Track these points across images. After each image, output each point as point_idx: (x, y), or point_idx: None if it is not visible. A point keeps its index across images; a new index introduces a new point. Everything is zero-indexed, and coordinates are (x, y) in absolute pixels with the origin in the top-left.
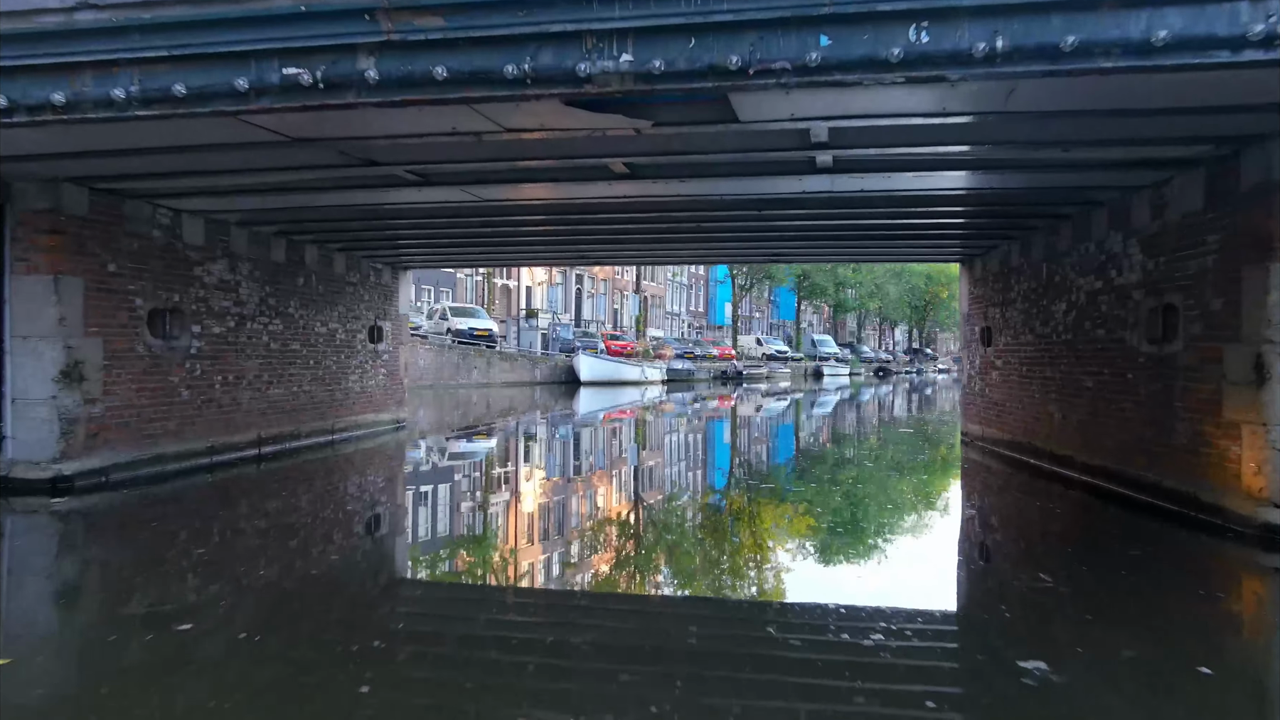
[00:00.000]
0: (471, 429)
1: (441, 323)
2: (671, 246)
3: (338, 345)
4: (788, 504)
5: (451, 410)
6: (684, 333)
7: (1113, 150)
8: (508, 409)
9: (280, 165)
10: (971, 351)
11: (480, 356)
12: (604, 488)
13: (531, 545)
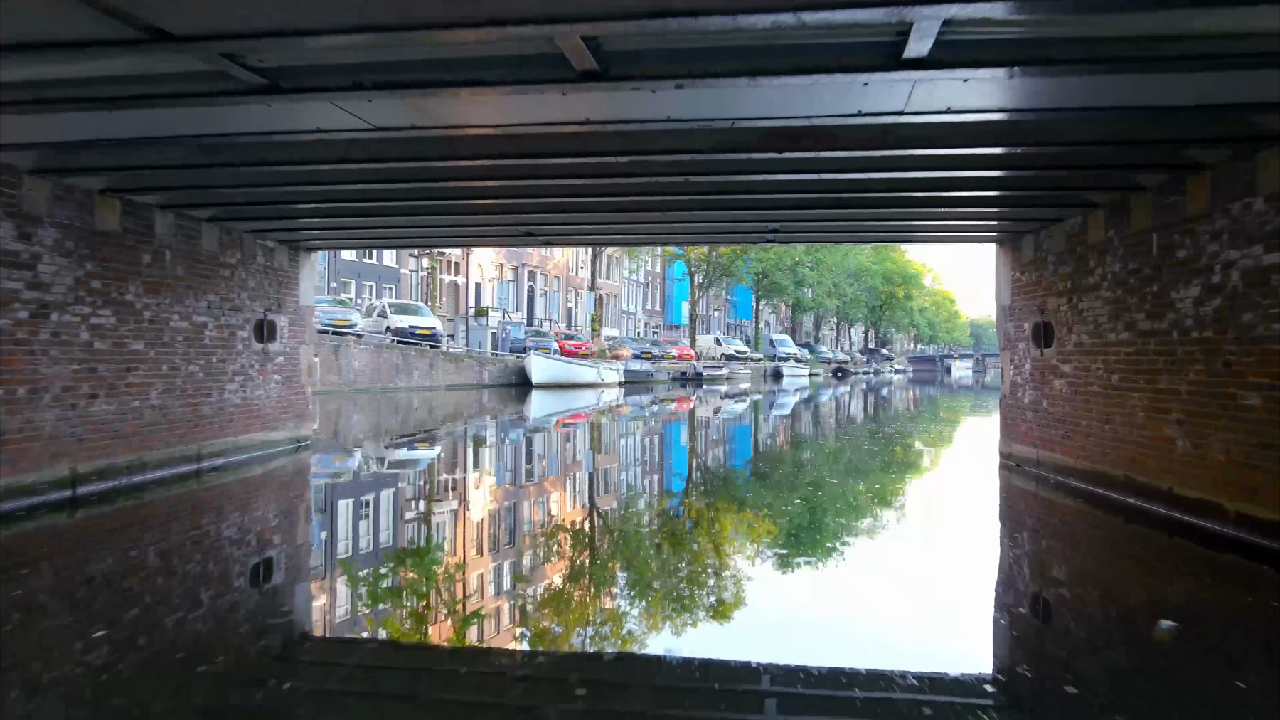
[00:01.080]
0: (410, 438)
1: (380, 320)
2: (646, 217)
3: (207, 345)
4: (789, 591)
5: (390, 416)
6: (641, 332)
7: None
8: (453, 414)
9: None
10: (1017, 354)
11: (423, 357)
12: (555, 509)
13: (464, 600)
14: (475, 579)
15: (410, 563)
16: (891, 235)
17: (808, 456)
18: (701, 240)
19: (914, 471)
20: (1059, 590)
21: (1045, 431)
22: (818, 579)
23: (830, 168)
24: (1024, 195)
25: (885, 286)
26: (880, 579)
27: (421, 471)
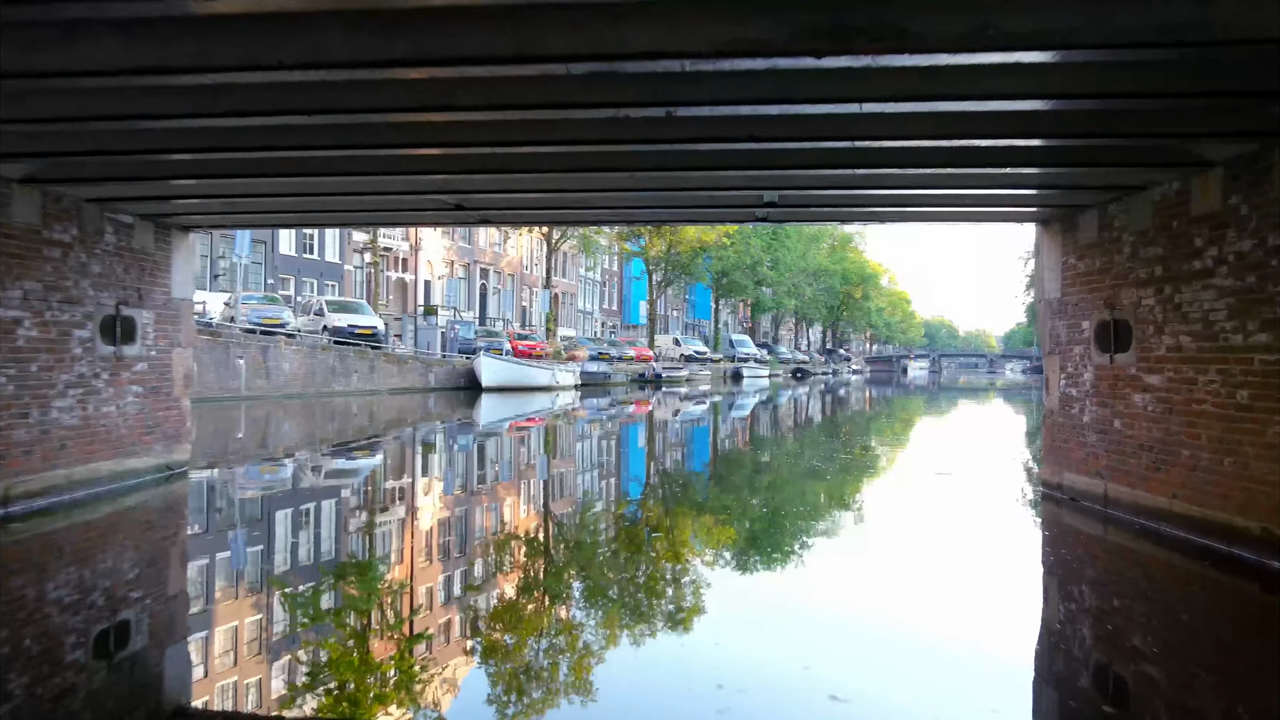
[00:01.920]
0: (346, 447)
1: (316, 319)
2: (608, 180)
3: (21, 348)
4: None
5: (325, 423)
6: (598, 332)
7: None
8: (395, 420)
9: None
10: (1070, 360)
11: (362, 359)
12: (507, 519)
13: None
14: (400, 647)
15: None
16: (912, 212)
17: (788, 497)
18: (676, 218)
19: (937, 507)
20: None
21: (1119, 460)
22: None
23: (871, 94)
24: (1089, 150)
25: (843, 286)
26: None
27: (358, 486)
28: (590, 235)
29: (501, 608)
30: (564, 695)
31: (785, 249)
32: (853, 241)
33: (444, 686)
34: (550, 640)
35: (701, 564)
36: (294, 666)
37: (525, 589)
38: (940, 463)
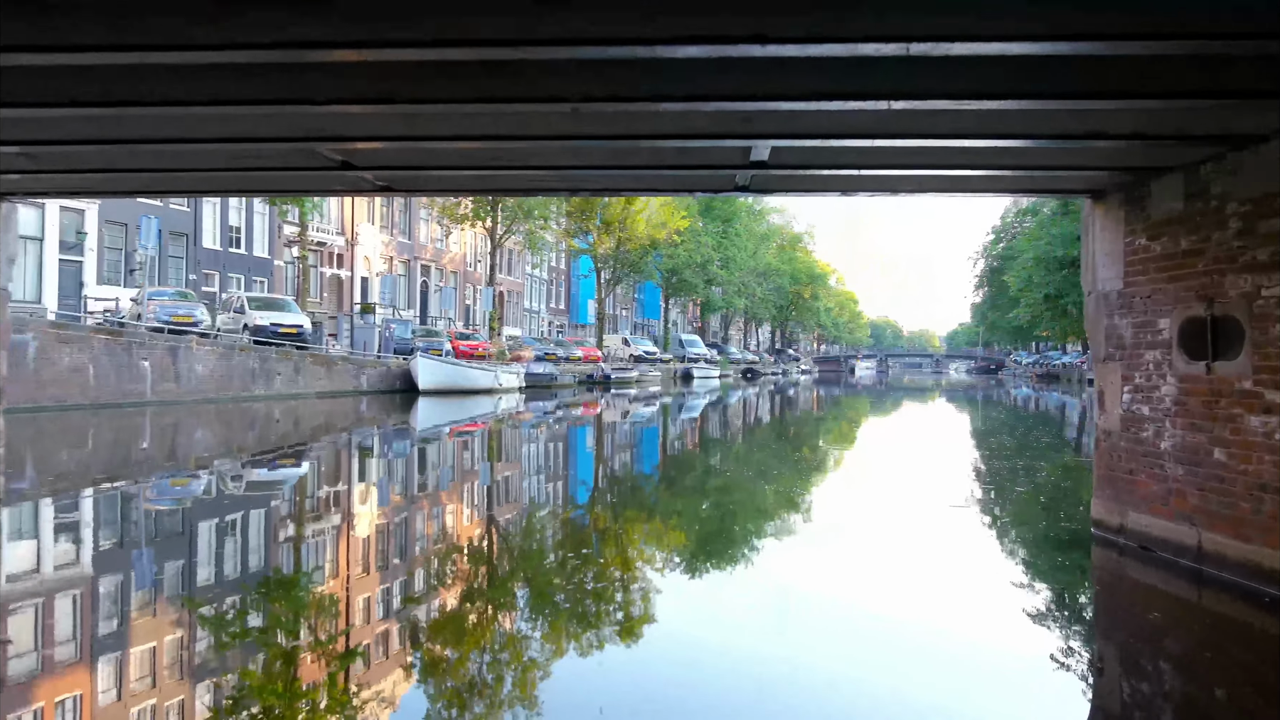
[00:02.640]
0: (269, 455)
1: (237, 317)
2: (546, 125)
3: None
4: None
5: (243, 431)
6: (545, 332)
7: None
8: (323, 426)
9: None
10: (1141, 369)
11: (286, 360)
12: (443, 530)
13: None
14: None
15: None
16: (931, 179)
17: (759, 520)
18: (638, 184)
19: (960, 556)
20: None
21: (1223, 503)
22: None
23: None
24: (1189, 78)
25: (793, 286)
26: None
27: (282, 498)
28: (536, 231)
29: (435, 630)
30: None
31: (736, 248)
32: (802, 241)
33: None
34: (492, 655)
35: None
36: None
37: (459, 608)
38: (943, 485)
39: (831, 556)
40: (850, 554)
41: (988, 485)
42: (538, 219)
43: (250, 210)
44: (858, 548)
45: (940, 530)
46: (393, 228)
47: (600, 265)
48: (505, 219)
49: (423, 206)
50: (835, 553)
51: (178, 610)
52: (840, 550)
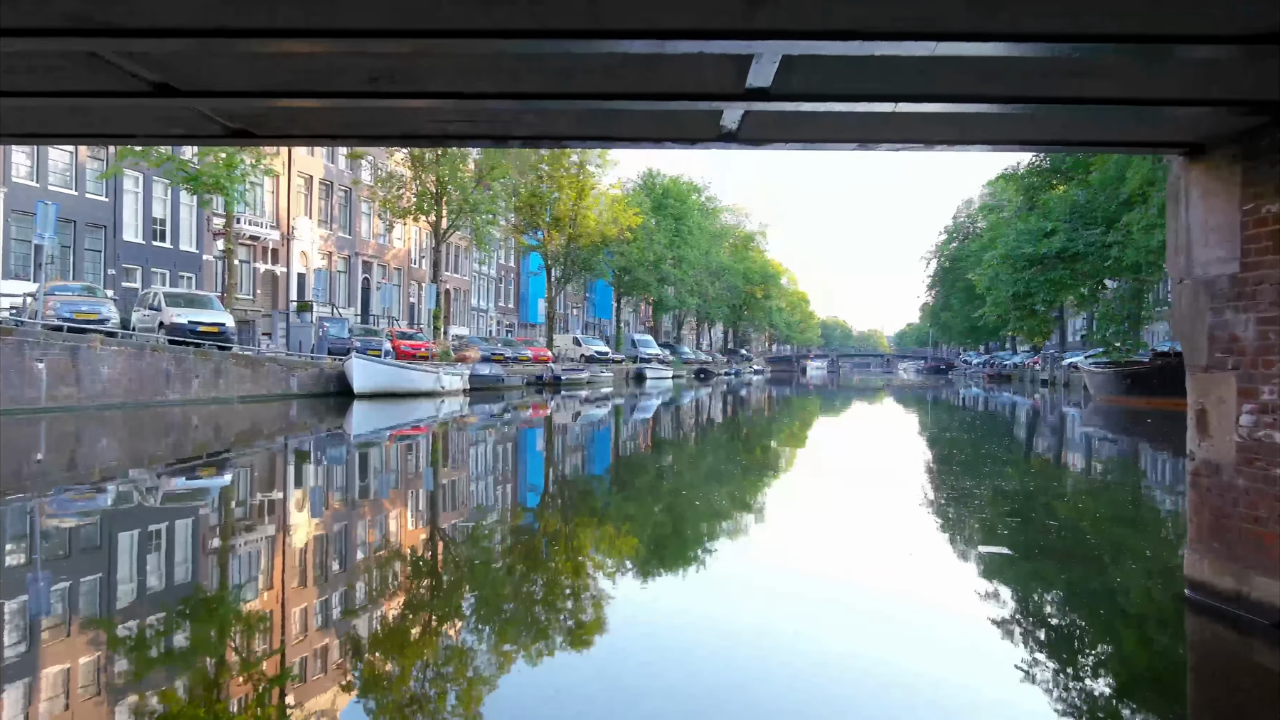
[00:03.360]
0: (185, 465)
1: (153, 315)
2: (476, 45)
3: None
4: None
5: (156, 439)
6: (494, 331)
7: None
8: (248, 433)
9: None
10: (1270, 379)
11: (205, 361)
12: (380, 548)
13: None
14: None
15: None
16: (980, 119)
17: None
18: (579, 134)
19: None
20: None
21: None
22: None
23: None
24: None
25: (745, 286)
26: None
27: (203, 511)
28: (483, 226)
29: (369, 648)
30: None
31: (688, 246)
32: (754, 241)
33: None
34: (435, 671)
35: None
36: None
37: (392, 627)
38: (930, 506)
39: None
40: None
41: (994, 511)
42: (484, 213)
43: (176, 201)
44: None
45: (941, 580)
46: (332, 222)
47: (550, 263)
48: (450, 213)
49: (364, 199)
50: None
51: (83, 633)
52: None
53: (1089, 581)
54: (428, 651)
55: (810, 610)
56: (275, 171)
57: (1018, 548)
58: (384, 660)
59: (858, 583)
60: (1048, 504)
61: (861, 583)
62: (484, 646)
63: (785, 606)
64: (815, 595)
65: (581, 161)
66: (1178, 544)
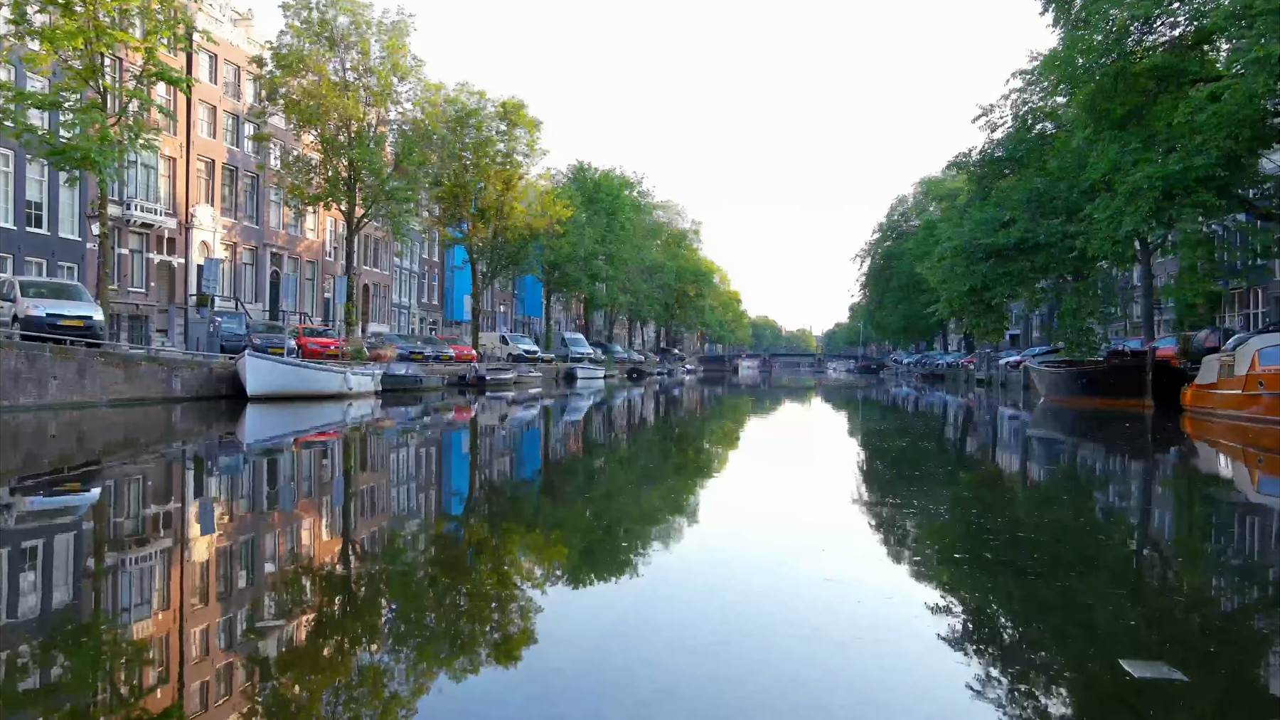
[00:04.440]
0: (40, 482)
1: (6, 306)
2: None
3: None
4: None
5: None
6: (417, 329)
7: None
8: (119, 443)
9: None
10: None
11: (66, 360)
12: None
13: None
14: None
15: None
16: None
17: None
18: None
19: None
20: None
21: None
22: None
23: None
24: None
25: (678, 284)
26: None
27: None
28: (400, 215)
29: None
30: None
31: (621, 242)
32: (687, 239)
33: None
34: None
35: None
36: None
37: (291, 661)
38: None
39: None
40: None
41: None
42: (401, 201)
43: (55, 183)
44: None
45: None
46: (237, 210)
47: (476, 256)
48: (365, 200)
49: (272, 186)
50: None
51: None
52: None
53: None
54: (336, 680)
55: (734, 616)
56: (156, 146)
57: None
58: (285, 691)
59: (782, 591)
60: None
61: (787, 591)
62: (396, 670)
63: (710, 613)
64: (739, 605)
65: (509, 150)
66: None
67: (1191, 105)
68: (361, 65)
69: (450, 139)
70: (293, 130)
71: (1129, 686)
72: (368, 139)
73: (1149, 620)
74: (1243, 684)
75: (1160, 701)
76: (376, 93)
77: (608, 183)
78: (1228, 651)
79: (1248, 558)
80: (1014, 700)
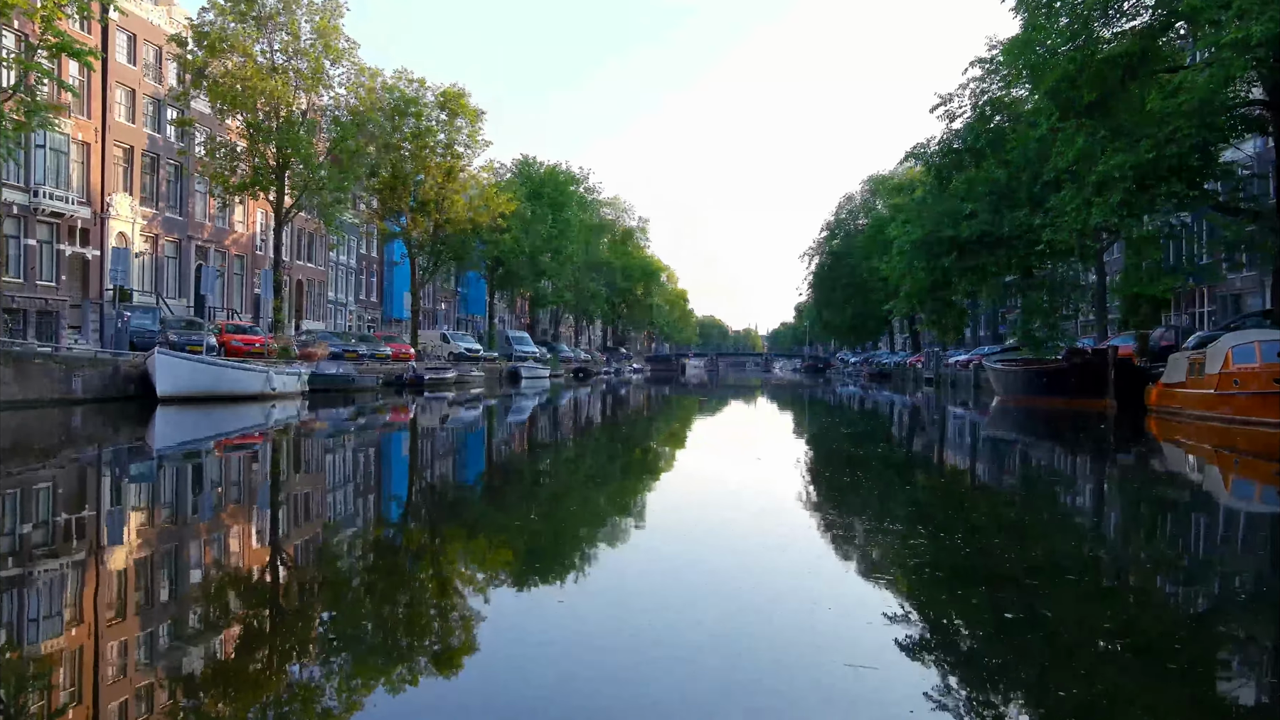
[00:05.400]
0: None
1: None
2: None
3: None
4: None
5: None
6: (355, 327)
7: None
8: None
9: None
10: None
11: None
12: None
13: None
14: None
15: None
16: None
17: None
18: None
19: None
20: None
21: None
22: None
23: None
24: None
25: (625, 283)
26: None
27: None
28: (331, 204)
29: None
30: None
31: (567, 239)
32: (634, 237)
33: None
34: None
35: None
36: None
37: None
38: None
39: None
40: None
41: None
42: (333, 190)
43: None
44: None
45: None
46: (158, 199)
47: (415, 251)
48: (294, 189)
49: (198, 175)
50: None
51: None
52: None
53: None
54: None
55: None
56: (52, 125)
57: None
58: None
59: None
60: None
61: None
62: (323, 687)
63: (644, 628)
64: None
65: (450, 141)
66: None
67: (1165, 91)
68: (291, 47)
69: (388, 128)
70: (218, 115)
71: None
72: (298, 125)
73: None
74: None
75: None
76: (307, 76)
77: (553, 177)
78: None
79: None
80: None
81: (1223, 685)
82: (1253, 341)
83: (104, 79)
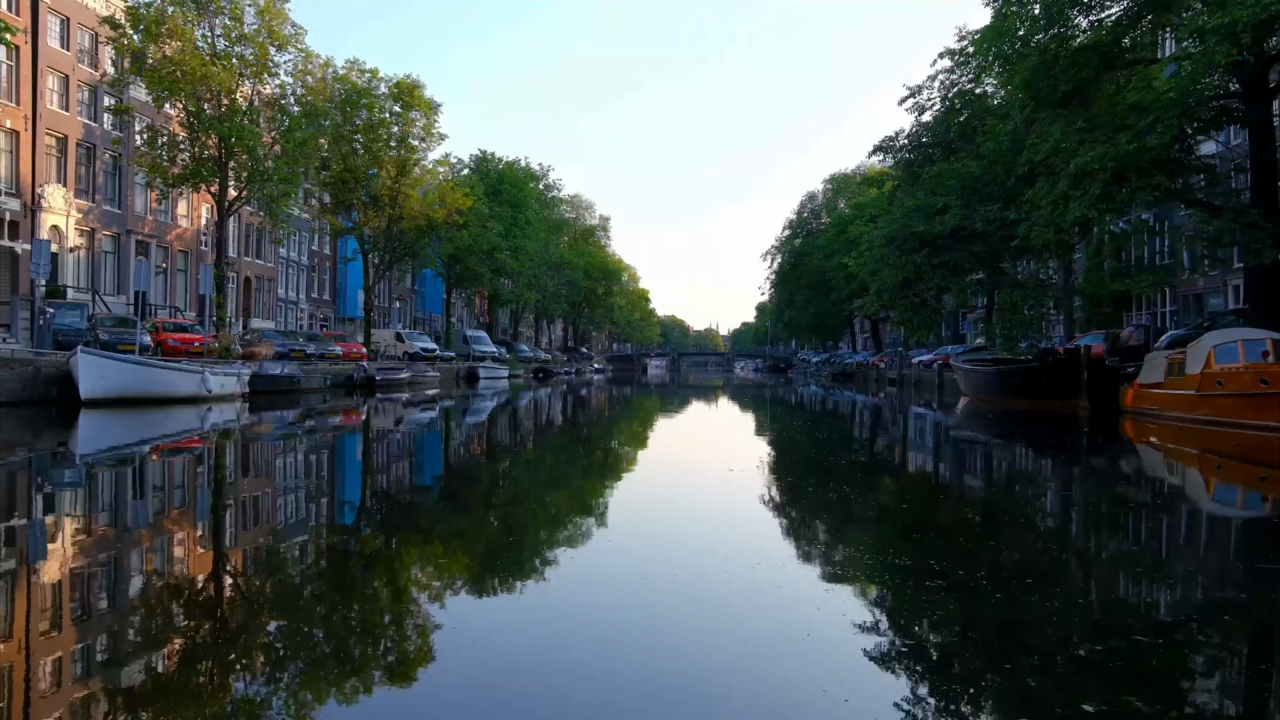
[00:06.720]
0: None
1: None
2: None
3: None
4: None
5: None
6: (306, 325)
7: None
8: None
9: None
10: None
11: None
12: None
13: None
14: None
15: None
16: None
17: None
18: None
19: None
20: None
21: None
22: None
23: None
24: None
25: (586, 282)
26: None
27: None
28: (277, 197)
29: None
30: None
31: (526, 236)
32: (596, 236)
33: None
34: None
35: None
36: None
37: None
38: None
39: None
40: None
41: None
42: (279, 183)
43: None
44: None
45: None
46: (94, 191)
47: (368, 248)
48: (237, 181)
49: (137, 166)
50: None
51: None
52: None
53: None
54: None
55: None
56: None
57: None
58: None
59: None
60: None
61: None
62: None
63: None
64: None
65: (404, 134)
66: None
67: (1145, 80)
68: (234, 32)
69: (339, 119)
70: (157, 103)
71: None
72: (241, 114)
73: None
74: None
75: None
76: (251, 63)
77: (512, 174)
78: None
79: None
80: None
81: (1196, 690)
82: (1236, 340)
83: (34, 64)
